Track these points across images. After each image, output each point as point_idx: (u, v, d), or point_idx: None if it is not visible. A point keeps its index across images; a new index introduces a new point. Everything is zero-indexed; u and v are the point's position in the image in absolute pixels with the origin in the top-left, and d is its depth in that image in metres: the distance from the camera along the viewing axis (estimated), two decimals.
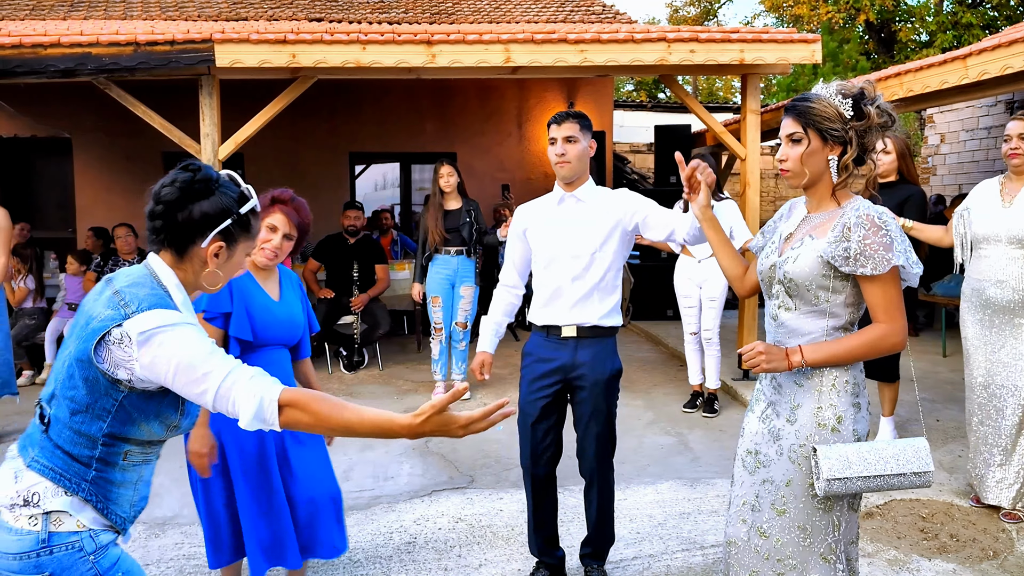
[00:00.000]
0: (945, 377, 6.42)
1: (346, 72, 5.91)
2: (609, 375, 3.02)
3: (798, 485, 2.10)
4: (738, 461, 2.29)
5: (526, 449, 3.11)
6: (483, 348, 3.21)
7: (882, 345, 2.02)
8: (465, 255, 6.07)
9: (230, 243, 1.67)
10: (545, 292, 3.06)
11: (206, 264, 1.65)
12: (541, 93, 10.85)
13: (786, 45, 5.99)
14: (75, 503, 1.54)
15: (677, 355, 7.51)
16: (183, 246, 1.64)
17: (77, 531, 1.53)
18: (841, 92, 2.06)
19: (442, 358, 6.12)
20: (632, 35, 5.94)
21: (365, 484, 4.32)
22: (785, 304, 2.14)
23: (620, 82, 25.63)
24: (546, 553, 3.20)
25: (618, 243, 3.02)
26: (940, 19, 17.83)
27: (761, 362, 2.06)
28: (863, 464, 1.98)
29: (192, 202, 1.62)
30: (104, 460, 1.57)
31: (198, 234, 1.63)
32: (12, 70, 5.46)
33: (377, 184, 11.76)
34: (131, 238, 6.90)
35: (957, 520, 3.75)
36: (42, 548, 1.50)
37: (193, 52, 5.57)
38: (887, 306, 2.02)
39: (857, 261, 1.99)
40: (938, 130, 11.36)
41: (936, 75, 5.91)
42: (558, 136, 2.98)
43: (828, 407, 2.07)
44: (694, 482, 4.30)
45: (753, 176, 6.34)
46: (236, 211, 1.65)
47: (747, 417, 2.31)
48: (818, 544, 2.11)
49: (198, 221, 1.62)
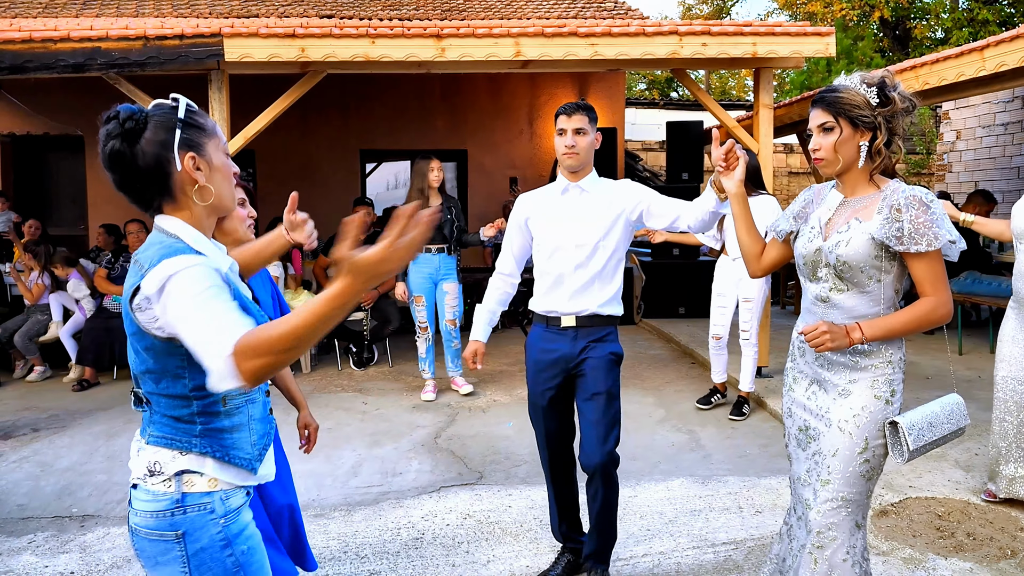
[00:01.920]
0: (961, 375, 6.34)
1: (355, 67, 5.89)
2: (608, 358, 3.00)
3: (844, 455, 2.21)
4: (791, 441, 2.42)
5: (541, 437, 3.14)
6: (476, 337, 3.20)
7: (933, 317, 2.14)
8: (446, 252, 6.00)
9: (198, 150, 1.59)
10: (547, 280, 3.06)
11: (195, 185, 1.59)
12: (552, 90, 10.81)
13: (800, 38, 5.92)
14: (193, 459, 1.59)
15: (689, 352, 7.45)
16: (165, 186, 1.59)
17: (210, 491, 1.59)
18: (865, 81, 2.17)
19: (429, 356, 6.07)
20: (643, 28, 5.89)
21: (373, 480, 4.29)
22: (836, 286, 2.23)
23: (632, 80, 25.56)
24: (571, 539, 3.20)
25: (621, 233, 3.04)
26: (956, 16, 17.65)
27: (826, 340, 2.12)
28: (932, 429, 2.18)
29: (138, 141, 1.56)
30: (205, 412, 1.60)
31: (167, 164, 1.56)
32: (23, 65, 5.46)
33: (389, 184, 11.75)
34: (143, 234, 6.90)
35: (974, 518, 3.68)
36: (176, 508, 1.57)
37: (202, 47, 5.56)
38: (934, 280, 2.14)
39: (912, 239, 2.09)
40: (954, 126, 11.23)
41: (953, 67, 5.83)
42: (568, 127, 2.99)
43: (884, 382, 2.21)
44: (705, 479, 4.25)
45: (767, 172, 6.26)
46: (178, 117, 1.58)
47: (787, 397, 2.44)
48: (855, 512, 2.23)
49: (157, 152, 1.56)
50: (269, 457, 1.75)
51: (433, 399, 5.93)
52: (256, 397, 1.71)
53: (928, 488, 4.03)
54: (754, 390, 5.57)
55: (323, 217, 10.15)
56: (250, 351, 1.35)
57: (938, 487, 4.05)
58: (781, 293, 10.70)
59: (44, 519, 3.81)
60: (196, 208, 1.62)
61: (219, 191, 1.63)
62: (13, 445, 4.93)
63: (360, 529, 3.64)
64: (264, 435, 1.72)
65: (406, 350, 7.49)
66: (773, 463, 4.49)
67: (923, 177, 13.59)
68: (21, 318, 6.82)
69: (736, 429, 5.17)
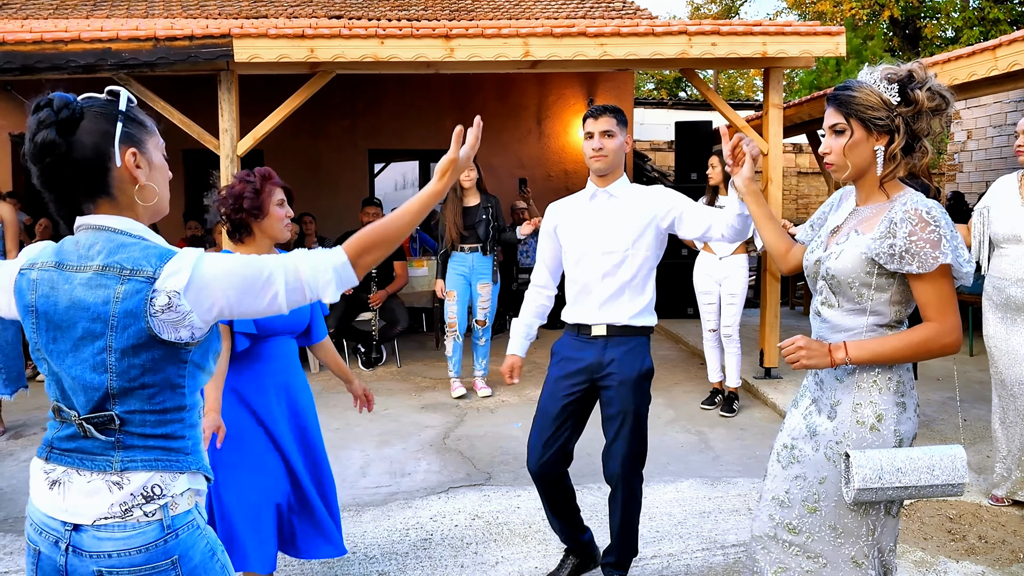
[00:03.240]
0: (973, 376, 6.30)
1: (364, 67, 5.89)
2: (638, 374, 2.90)
3: (831, 484, 2.01)
4: (773, 455, 2.21)
5: (533, 449, 2.97)
6: (513, 351, 3.11)
7: (933, 346, 1.91)
8: (481, 252, 6.02)
9: (140, 146, 1.50)
10: (575, 289, 2.99)
11: (136, 184, 1.48)
12: (561, 90, 10.79)
13: (809, 38, 5.90)
14: (191, 478, 1.52)
15: (698, 353, 7.43)
16: (102, 182, 1.46)
17: (190, 509, 1.52)
18: (887, 77, 1.94)
19: (456, 354, 6.09)
20: (652, 28, 5.88)
21: (382, 480, 4.29)
22: (828, 300, 2.06)
23: (641, 80, 25.52)
24: (572, 539, 3.13)
25: (652, 241, 2.92)
26: (967, 15, 17.54)
27: (801, 357, 1.96)
28: (896, 474, 1.88)
29: (74, 132, 1.43)
30: (194, 424, 1.55)
31: (107, 159, 1.45)
32: (34, 66, 5.49)
33: (397, 184, 11.77)
34: None
35: (986, 521, 3.65)
36: (168, 534, 1.47)
37: (212, 47, 5.57)
38: (939, 304, 1.90)
39: (903, 259, 1.88)
40: (964, 126, 11.17)
41: (964, 67, 5.79)
42: (595, 131, 2.91)
43: (868, 404, 1.98)
44: (715, 481, 4.23)
45: (776, 172, 6.25)
46: (120, 110, 1.48)
47: (790, 412, 2.24)
48: (849, 547, 2.01)
49: (96, 143, 1.44)
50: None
51: (464, 393, 6.01)
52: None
53: None
54: (741, 384, 5.68)
55: (332, 217, 10.20)
56: (363, 250, 1.53)
57: None
58: (791, 294, 10.67)
59: None
60: (139, 209, 1.50)
61: (161, 192, 1.54)
62: (24, 444, 4.96)
63: (369, 529, 3.64)
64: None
65: (414, 350, 7.50)
66: None
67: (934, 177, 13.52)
68: None
69: (745, 430, 5.15)
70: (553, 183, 10.72)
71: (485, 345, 6.15)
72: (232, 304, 1.44)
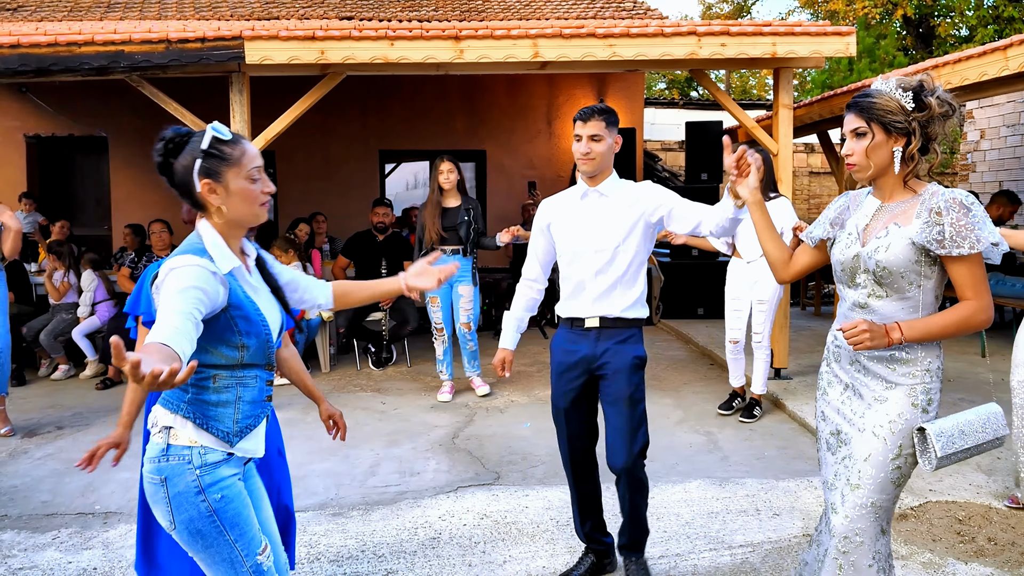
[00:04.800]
0: (984, 377, 6.27)
1: (374, 68, 5.92)
2: (631, 361, 2.98)
3: (877, 460, 2.19)
4: (823, 445, 2.40)
5: (563, 438, 3.13)
6: (504, 345, 3.21)
7: (973, 321, 2.12)
8: (462, 254, 5.92)
9: (215, 177, 1.87)
10: (569, 286, 3.06)
11: (214, 205, 1.88)
12: (571, 90, 10.80)
13: (820, 38, 5.88)
14: (178, 420, 1.88)
15: (707, 354, 7.42)
16: (193, 200, 1.90)
17: (189, 446, 1.86)
18: (901, 86, 2.13)
19: (446, 357, 6.05)
20: (662, 29, 5.88)
21: (391, 480, 4.32)
22: (875, 292, 2.21)
23: (652, 80, 25.47)
24: (593, 540, 3.20)
25: (641, 236, 3.00)
26: (980, 13, 17.43)
27: (865, 339, 2.10)
28: (963, 438, 2.14)
29: (173, 159, 1.87)
30: (197, 385, 1.89)
31: (190, 185, 1.86)
32: (48, 68, 5.55)
33: (408, 184, 11.80)
34: (165, 234, 6.96)
35: (995, 523, 3.64)
36: (162, 456, 1.86)
37: (223, 49, 5.62)
38: (975, 284, 2.11)
39: (953, 243, 2.07)
40: (978, 125, 11.10)
41: (975, 67, 5.76)
42: (583, 134, 2.95)
43: (923, 390, 2.19)
44: (723, 481, 4.23)
45: (786, 172, 6.23)
46: (201, 147, 1.85)
47: (821, 401, 2.41)
48: (882, 518, 2.22)
49: (183, 174, 1.87)
50: (256, 436, 1.99)
51: (449, 400, 5.94)
52: (249, 381, 1.95)
53: (949, 492, 4.00)
54: (766, 392, 5.56)
55: (342, 217, 10.24)
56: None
57: (959, 491, 4.01)
58: (801, 295, 10.64)
59: (68, 515, 3.87)
60: (217, 220, 1.92)
61: (236, 212, 1.91)
62: (38, 442, 5.01)
63: (378, 528, 3.67)
64: (251, 416, 1.96)
65: (424, 350, 7.52)
66: (791, 465, 4.47)
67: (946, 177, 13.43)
68: (46, 317, 6.93)
69: (754, 431, 5.15)
70: (563, 183, 10.73)
71: (474, 351, 6.07)
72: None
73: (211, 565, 1.90)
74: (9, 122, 9.79)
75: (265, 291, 2.04)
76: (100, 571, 3.28)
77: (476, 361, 6.11)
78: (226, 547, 1.88)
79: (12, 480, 4.35)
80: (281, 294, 2.08)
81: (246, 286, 1.95)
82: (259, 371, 1.98)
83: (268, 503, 2.14)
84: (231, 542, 1.88)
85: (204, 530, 1.85)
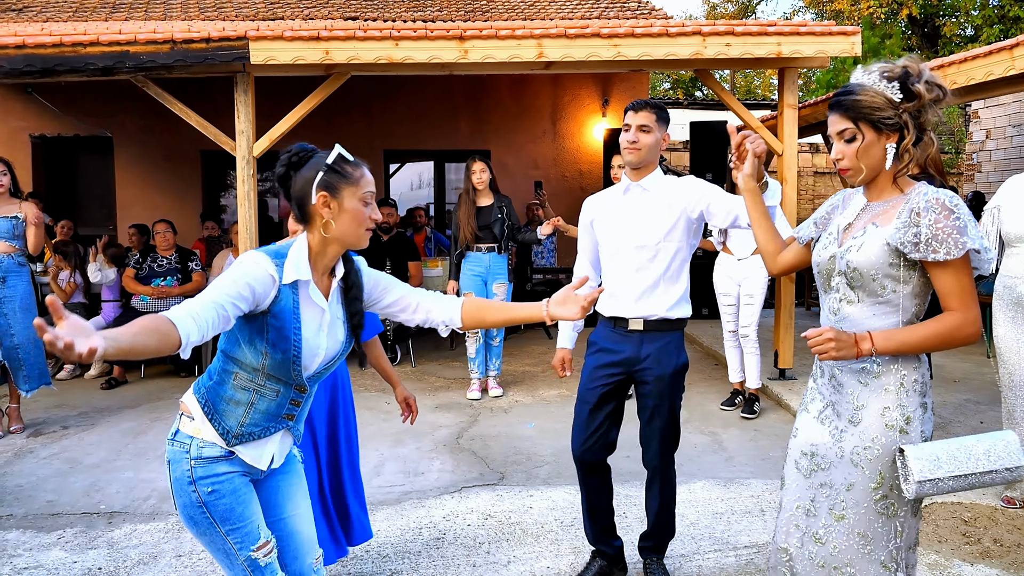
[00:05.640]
0: (991, 378, 6.24)
1: (379, 68, 5.92)
2: (674, 370, 2.96)
3: (860, 489, 1.98)
4: (790, 463, 2.17)
5: (577, 435, 3.08)
6: (562, 344, 3.23)
7: (957, 335, 1.91)
8: (496, 252, 6.03)
9: (332, 192, 1.93)
10: (611, 282, 3.04)
11: (323, 219, 1.93)
12: (576, 90, 10.79)
13: (824, 38, 5.87)
14: (195, 403, 1.96)
15: (712, 354, 7.41)
16: (303, 211, 1.97)
17: (191, 436, 1.94)
18: (885, 75, 1.94)
19: (479, 355, 6.09)
20: (667, 29, 5.87)
21: (395, 480, 4.32)
22: (847, 297, 2.03)
23: (656, 80, 25.44)
24: (602, 542, 3.16)
25: (683, 232, 2.97)
26: (986, 13, 17.37)
27: (830, 349, 1.92)
28: (953, 463, 1.87)
29: (295, 172, 1.97)
30: (220, 373, 1.96)
31: (307, 196, 1.94)
32: (53, 68, 5.56)
33: (412, 184, 11.81)
34: (169, 234, 6.98)
35: (1001, 524, 3.63)
36: (172, 437, 1.97)
37: (228, 49, 5.62)
38: (960, 294, 1.90)
39: (929, 246, 1.87)
40: (983, 126, 11.07)
41: (981, 66, 5.74)
42: (632, 123, 2.95)
43: (896, 408, 1.96)
44: (728, 482, 4.23)
45: (791, 173, 6.22)
46: (325, 163, 1.94)
47: (801, 417, 2.19)
48: (879, 551, 1.99)
49: (302, 185, 1.95)
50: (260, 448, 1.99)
51: (479, 397, 6.02)
52: (267, 393, 1.96)
53: (954, 493, 3.98)
54: (762, 386, 5.61)
55: None
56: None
57: (964, 492, 3.99)
58: (806, 294, 10.61)
59: (73, 515, 3.88)
60: (319, 235, 1.96)
61: (342, 229, 1.95)
62: (43, 442, 5.02)
63: (382, 528, 3.67)
64: (259, 426, 1.97)
65: (429, 351, 7.53)
66: None
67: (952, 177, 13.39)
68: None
69: (759, 431, 5.14)
70: (568, 183, 10.73)
71: (499, 346, 6.15)
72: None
73: (210, 551, 1.98)
74: (15, 122, 9.82)
75: (332, 316, 2.03)
76: (105, 571, 3.29)
77: (498, 360, 6.16)
78: (218, 538, 1.94)
79: (17, 479, 4.36)
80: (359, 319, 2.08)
81: (303, 303, 1.94)
82: (283, 387, 1.98)
83: (304, 499, 2.15)
84: (222, 534, 1.93)
85: (196, 518, 1.93)
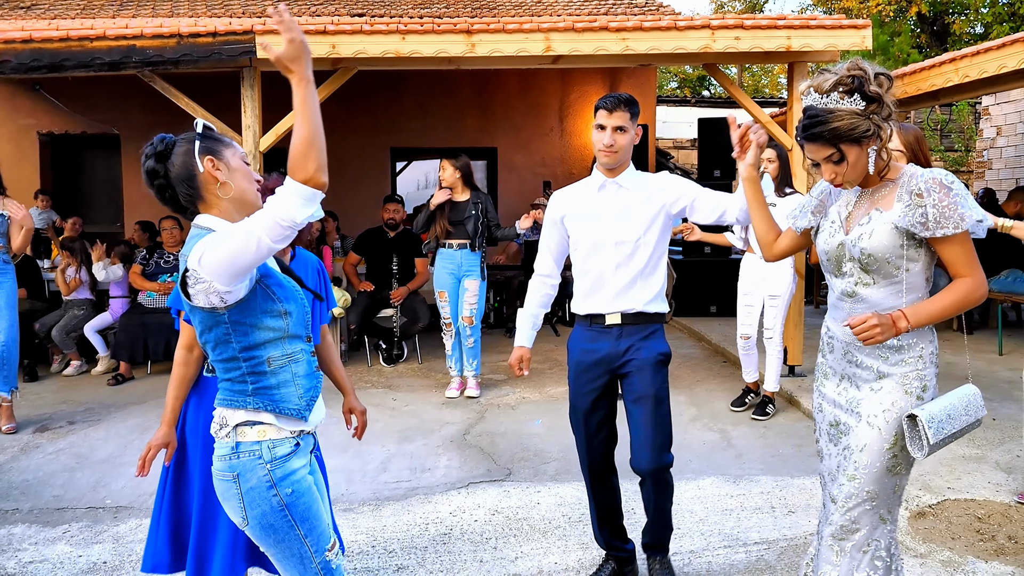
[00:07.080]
0: (1002, 376, 6.19)
1: (386, 63, 5.90)
2: (656, 358, 2.91)
3: (873, 450, 2.17)
4: (823, 436, 2.38)
5: (581, 441, 3.02)
6: (520, 343, 3.09)
7: (972, 297, 2.09)
8: (469, 248, 5.91)
9: (216, 155, 1.91)
10: (587, 281, 2.96)
11: (217, 183, 1.89)
12: (583, 86, 10.74)
13: (835, 31, 5.82)
14: (249, 414, 1.90)
15: (720, 351, 7.36)
16: (193, 188, 1.90)
17: (258, 440, 1.89)
18: (842, 89, 2.04)
19: (455, 352, 6.02)
20: (675, 23, 5.82)
21: (402, 476, 4.29)
22: (862, 280, 2.19)
23: (664, 79, 25.38)
24: (614, 547, 3.10)
25: (662, 228, 2.93)
26: (996, 10, 17.26)
27: (876, 334, 2.03)
28: (949, 421, 2.11)
29: (168, 158, 1.90)
30: (254, 372, 1.90)
31: (192, 169, 1.89)
32: (60, 63, 5.55)
33: (419, 183, 11.78)
34: (176, 231, 6.97)
35: (1016, 521, 3.58)
36: (232, 454, 1.90)
37: (235, 44, 5.60)
38: (967, 260, 2.08)
39: (937, 224, 2.04)
40: (994, 122, 10.99)
41: (994, 59, 5.68)
42: (608, 125, 2.86)
43: (915, 377, 2.16)
44: (737, 479, 4.19)
45: (800, 169, 6.16)
46: (197, 133, 1.93)
47: (817, 392, 2.40)
48: (880, 506, 2.20)
49: (183, 160, 1.89)
50: (319, 406, 2.02)
51: (457, 396, 5.92)
52: (299, 356, 1.96)
53: (967, 490, 3.93)
54: (779, 389, 5.49)
55: (353, 215, 10.22)
56: (296, 164, 1.72)
57: (978, 489, 3.95)
58: (815, 291, 10.55)
59: (79, 510, 3.87)
60: (223, 204, 1.92)
61: (239, 187, 1.93)
62: (50, 437, 5.02)
63: (389, 524, 3.64)
64: (310, 388, 1.98)
65: (435, 347, 7.49)
66: (807, 463, 4.41)
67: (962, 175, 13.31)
68: (58, 313, 6.94)
69: (769, 428, 5.10)
70: (576, 180, 10.65)
71: (475, 346, 5.97)
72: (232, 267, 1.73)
73: (282, 560, 1.94)
74: (23, 120, 9.83)
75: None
76: (110, 565, 3.27)
77: (475, 360, 6.02)
78: (296, 542, 1.91)
79: (24, 474, 4.35)
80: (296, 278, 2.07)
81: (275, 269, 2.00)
82: (302, 343, 1.99)
83: (328, 497, 2.19)
84: (301, 537, 1.91)
85: (276, 524, 1.89)
